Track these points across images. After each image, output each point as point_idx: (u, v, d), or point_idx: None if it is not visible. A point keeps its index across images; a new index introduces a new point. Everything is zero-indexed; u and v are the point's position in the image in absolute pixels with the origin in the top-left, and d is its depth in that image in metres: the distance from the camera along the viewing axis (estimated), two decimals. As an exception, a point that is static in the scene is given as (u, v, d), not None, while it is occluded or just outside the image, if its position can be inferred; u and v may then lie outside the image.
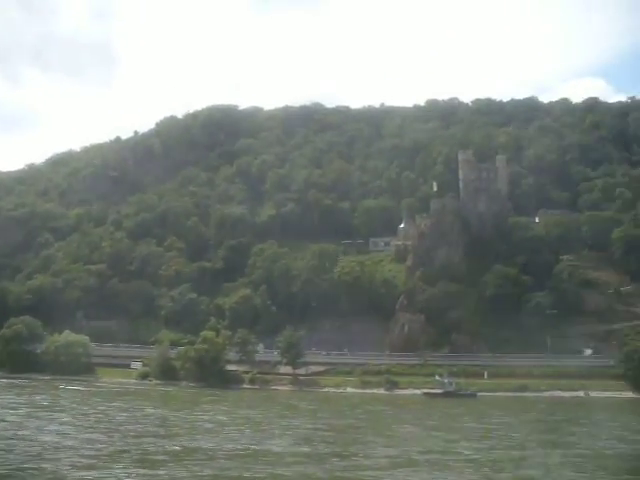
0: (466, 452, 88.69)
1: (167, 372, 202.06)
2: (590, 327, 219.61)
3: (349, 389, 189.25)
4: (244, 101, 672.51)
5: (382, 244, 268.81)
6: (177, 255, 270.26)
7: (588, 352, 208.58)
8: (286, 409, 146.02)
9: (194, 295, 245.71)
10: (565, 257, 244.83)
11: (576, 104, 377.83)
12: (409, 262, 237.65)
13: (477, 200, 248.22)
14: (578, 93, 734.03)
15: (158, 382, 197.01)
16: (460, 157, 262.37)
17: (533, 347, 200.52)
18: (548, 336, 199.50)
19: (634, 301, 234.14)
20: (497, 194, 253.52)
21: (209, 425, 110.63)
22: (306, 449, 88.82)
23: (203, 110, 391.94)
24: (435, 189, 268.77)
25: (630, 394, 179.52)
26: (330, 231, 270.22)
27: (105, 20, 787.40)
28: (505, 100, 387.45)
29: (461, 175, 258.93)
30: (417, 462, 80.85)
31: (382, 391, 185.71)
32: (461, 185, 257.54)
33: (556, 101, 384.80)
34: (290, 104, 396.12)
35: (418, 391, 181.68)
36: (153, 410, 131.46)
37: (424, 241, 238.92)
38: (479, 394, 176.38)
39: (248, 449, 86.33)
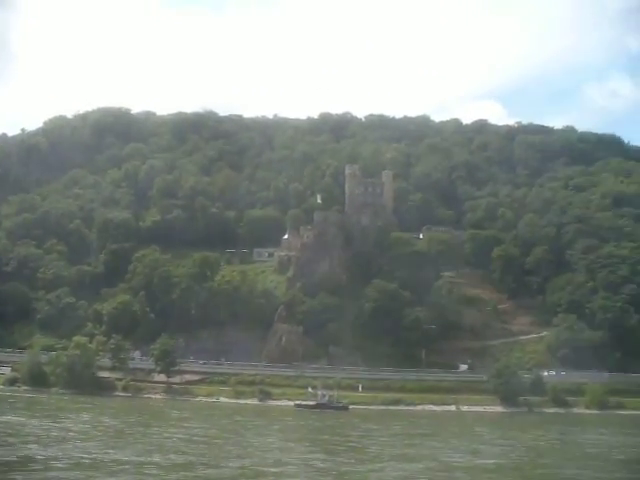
0: (319, 464, 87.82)
1: (37, 378, 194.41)
2: (467, 343, 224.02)
3: (222, 399, 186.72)
4: (137, 105, 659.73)
5: (266, 254, 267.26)
6: (57, 258, 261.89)
7: (463, 367, 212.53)
8: (153, 418, 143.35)
9: (72, 299, 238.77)
10: (446, 274, 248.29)
11: (466, 125, 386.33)
12: (290, 273, 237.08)
13: (361, 214, 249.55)
14: (476, 114, 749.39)
15: (27, 388, 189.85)
16: (347, 171, 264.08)
17: (410, 361, 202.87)
18: (423, 350, 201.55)
19: (510, 318, 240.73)
20: (382, 209, 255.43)
21: (64, 433, 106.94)
22: (157, 459, 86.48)
23: (94, 111, 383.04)
24: (319, 201, 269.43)
25: (500, 408, 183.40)
26: (215, 240, 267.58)
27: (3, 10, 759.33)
28: (397, 117, 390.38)
29: (347, 189, 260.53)
30: (264, 473, 79.61)
31: (255, 402, 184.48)
32: (346, 199, 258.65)
33: (447, 121, 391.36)
34: (184, 110, 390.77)
35: (291, 403, 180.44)
36: (10, 417, 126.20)
37: (306, 253, 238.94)
38: (352, 407, 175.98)
39: (94, 458, 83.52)
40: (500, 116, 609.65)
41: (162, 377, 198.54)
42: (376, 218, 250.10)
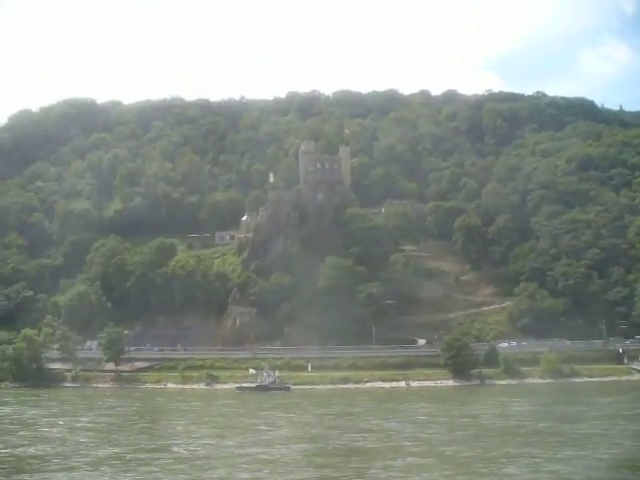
0: (198, 450, 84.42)
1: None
2: (426, 317, 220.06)
3: (170, 385, 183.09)
4: (103, 95, 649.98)
5: (228, 237, 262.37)
6: (16, 252, 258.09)
7: (422, 342, 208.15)
8: (79, 407, 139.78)
9: (30, 293, 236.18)
10: (408, 247, 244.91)
11: (435, 96, 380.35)
12: (245, 255, 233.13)
13: (316, 191, 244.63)
14: (474, 86, 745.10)
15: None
16: (301, 148, 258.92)
17: (366, 338, 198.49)
18: (373, 326, 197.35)
19: (472, 290, 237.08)
20: (339, 185, 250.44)
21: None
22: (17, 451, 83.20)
23: (58, 104, 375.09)
24: (272, 180, 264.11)
25: (451, 382, 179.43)
26: (177, 225, 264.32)
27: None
28: (364, 92, 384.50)
29: (301, 166, 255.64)
30: (124, 459, 75.97)
31: (202, 386, 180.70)
32: (301, 176, 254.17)
33: (415, 93, 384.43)
34: (150, 98, 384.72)
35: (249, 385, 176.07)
36: None
37: (260, 233, 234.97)
38: (298, 387, 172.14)
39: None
40: (498, 86, 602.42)
41: (113, 366, 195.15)
42: (332, 195, 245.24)
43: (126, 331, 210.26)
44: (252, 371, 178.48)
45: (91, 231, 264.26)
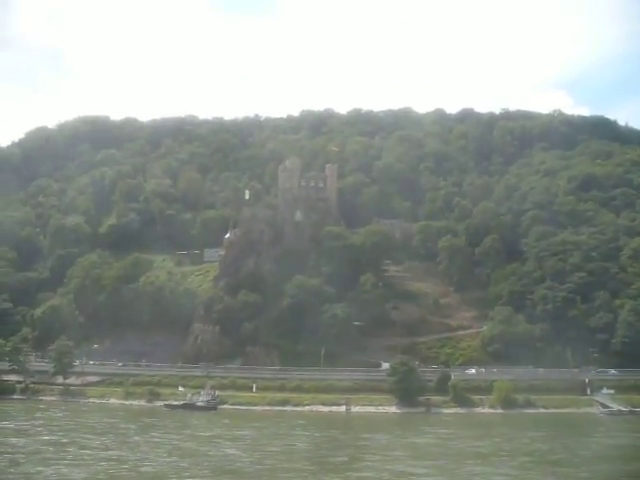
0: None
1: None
2: (396, 340, 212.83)
3: (112, 400, 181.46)
4: (118, 112, 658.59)
5: (217, 255, 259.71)
6: (4, 265, 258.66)
7: (385, 365, 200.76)
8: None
9: (10, 304, 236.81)
10: (391, 268, 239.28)
11: (449, 114, 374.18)
12: (217, 272, 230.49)
13: (295, 209, 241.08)
14: (546, 105, 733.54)
15: None
16: (281, 166, 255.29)
17: (329, 360, 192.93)
18: (323, 347, 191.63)
19: (451, 312, 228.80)
20: (321, 203, 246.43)
21: None
22: None
23: (72, 120, 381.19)
24: (247, 197, 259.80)
25: (394, 409, 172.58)
26: (170, 242, 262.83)
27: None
28: (377, 110, 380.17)
29: (280, 183, 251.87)
30: None
31: (143, 402, 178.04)
32: (279, 194, 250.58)
33: (430, 112, 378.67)
34: (167, 116, 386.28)
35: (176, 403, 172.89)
36: None
37: (232, 250, 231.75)
38: (231, 407, 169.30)
39: None
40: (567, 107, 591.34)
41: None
42: (312, 213, 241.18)
43: (95, 345, 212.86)
44: (181, 389, 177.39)
45: (82, 246, 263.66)
